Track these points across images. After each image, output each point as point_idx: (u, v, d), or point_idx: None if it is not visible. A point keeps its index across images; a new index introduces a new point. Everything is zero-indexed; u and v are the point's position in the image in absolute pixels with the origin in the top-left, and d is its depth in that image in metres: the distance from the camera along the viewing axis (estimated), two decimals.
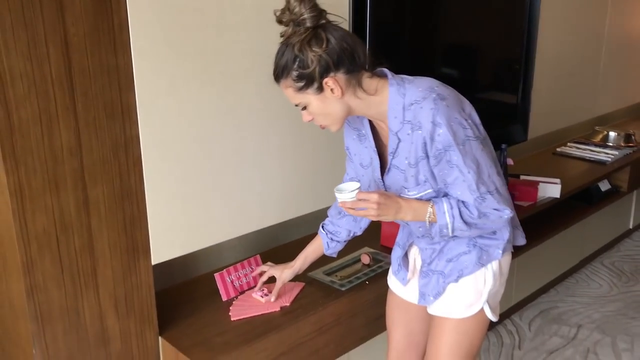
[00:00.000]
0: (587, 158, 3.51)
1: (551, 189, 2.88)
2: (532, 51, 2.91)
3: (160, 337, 1.76)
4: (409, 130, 1.49)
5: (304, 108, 1.50)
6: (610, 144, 3.70)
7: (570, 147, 3.68)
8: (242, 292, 1.99)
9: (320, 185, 2.09)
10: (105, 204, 1.57)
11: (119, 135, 1.56)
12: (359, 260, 2.20)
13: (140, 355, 1.73)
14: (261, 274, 1.96)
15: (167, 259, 1.74)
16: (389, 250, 2.27)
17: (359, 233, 1.88)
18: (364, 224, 1.86)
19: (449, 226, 1.52)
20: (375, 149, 1.62)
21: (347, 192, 1.49)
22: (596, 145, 3.66)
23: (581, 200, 3.32)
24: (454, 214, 1.51)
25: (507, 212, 1.53)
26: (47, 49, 1.40)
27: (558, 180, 2.91)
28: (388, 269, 2.11)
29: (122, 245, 1.63)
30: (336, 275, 2.10)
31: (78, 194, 1.52)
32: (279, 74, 1.46)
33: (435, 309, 1.72)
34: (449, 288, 1.69)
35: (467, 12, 2.61)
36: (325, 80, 1.43)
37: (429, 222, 1.54)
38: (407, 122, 1.48)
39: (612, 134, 3.76)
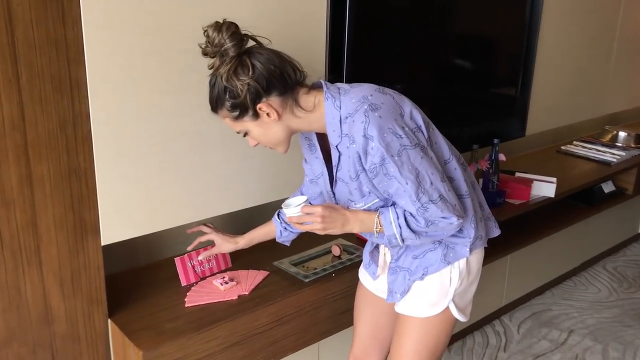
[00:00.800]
0: (592, 158, 3.38)
1: (546, 188, 2.77)
2: (534, 42, 2.79)
3: (109, 320, 1.72)
4: (347, 144, 1.46)
5: (246, 134, 1.51)
6: (619, 145, 3.55)
7: (575, 145, 3.55)
8: (204, 278, 1.94)
9: (290, 172, 2.02)
10: (51, 181, 1.53)
11: (67, 110, 1.51)
12: (330, 251, 2.14)
13: (88, 337, 1.69)
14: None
15: (120, 240, 1.69)
16: (362, 242, 2.20)
17: None
18: None
19: (397, 236, 1.49)
20: (323, 161, 1.61)
21: (292, 206, 1.51)
22: (603, 145, 3.52)
23: (582, 201, 3.20)
24: (400, 224, 1.48)
25: (454, 220, 1.47)
26: None
27: (554, 179, 2.80)
28: (358, 262, 2.06)
29: (69, 223, 1.59)
30: (303, 266, 2.04)
31: (21, 169, 1.48)
32: (214, 105, 1.47)
33: (401, 307, 1.67)
34: (415, 286, 1.64)
35: None
36: (259, 106, 1.43)
37: (377, 232, 1.52)
38: (345, 136, 1.45)
39: (622, 134, 3.61)
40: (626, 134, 3.60)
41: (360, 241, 2.22)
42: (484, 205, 1.72)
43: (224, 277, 1.91)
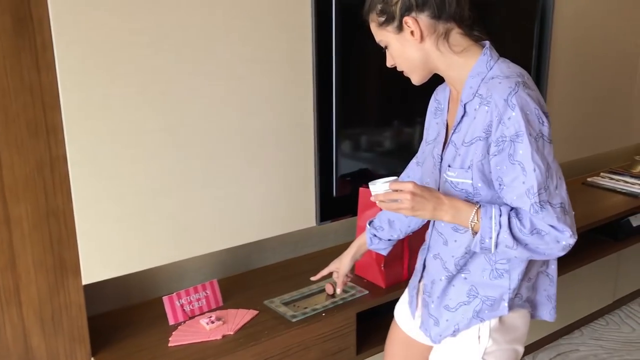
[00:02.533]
0: (620, 190, 3.23)
1: None
2: (544, 72, 2.71)
3: (92, 359, 1.73)
4: (476, 105, 1.33)
5: (386, 48, 1.42)
6: None
7: (602, 177, 3.41)
8: (192, 317, 1.94)
9: (277, 209, 2.01)
10: (29, 222, 1.57)
11: (44, 153, 1.56)
12: (324, 290, 2.10)
13: None
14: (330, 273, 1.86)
15: (101, 280, 1.72)
16: (361, 280, 2.16)
17: (404, 234, 1.74)
18: (414, 224, 1.71)
19: (493, 237, 1.28)
20: (446, 123, 1.49)
21: (380, 182, 1.36)
22: (632, 176, 3.37)
23: (609, 235, 3.06)
24: (501, 222, 1.27)
25: (568, 235, 1.26)
26: None
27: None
28: (352, 301, 2.02)
29: (49, 263, 1.62)
30: (294, 305, 2.01)
31: None
32: (368, 6, 1.41)
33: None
34: (446, 340, 1.52)
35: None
36: (406, 19, 1.34)
37: (472, 227, 1.32)
38: (479, 96, 1.33)
39: None
40: None
41: (360, 279, 2.17)
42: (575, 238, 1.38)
43: (210, 317, 1.90)
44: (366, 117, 2.21)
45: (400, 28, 1.36)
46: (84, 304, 1.70)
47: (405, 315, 1.69)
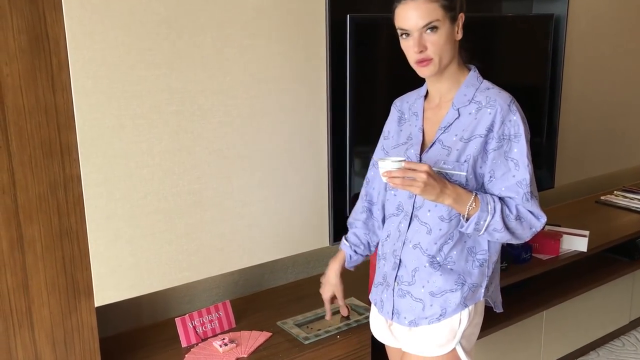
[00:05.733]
0: (633, 208, 3.19)
1: (577, 242, 2.62)
2: (557, 89, 2.69)
3: None
4: (472, 110, 1.52)
5: (433, 29, 1.46)
6: None
7: (616, 195, 3.37)
8: (205, 339, 1.91)
9: (291, 229, 1.99)
10: (42, 243, 1.56)
11: (58, 174, 1.55)
12: (338, 311, 2.07)
13: None
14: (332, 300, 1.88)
15: (114, 301, 1.69)
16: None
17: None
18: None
19: (487, 220, 1.48)
20: (422, 128, 1.61)
21: (391, 160, 1.43)
22: None
23: (624, 255, 3.01)
24: (495, 208, 1.48)
25: (543, 220, 1.53)
26: None
27: (586, 233, 2.65)
28: (368, 324, 1.98)
29: (61, 285, 1.60)
30: (307, 327, 1.98)
31: (12, 232, 1.51)
32: None
33: (408, 346, 1.65)
34: (424, 325, 1.61)
35: (486, 39, 2.46)
36: (461, 14, 1.51)
37: (468, 211, 1.48)
38: (475, 102, 1.53)
39: None
40: None
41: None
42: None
43: (224, 339, 1.87)
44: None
45: (454, 19, 1.49)
46: (96, 326, 1.67)
47: (388, 334, 1.73)
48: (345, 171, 2.10)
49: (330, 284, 1.82)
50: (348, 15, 1.97)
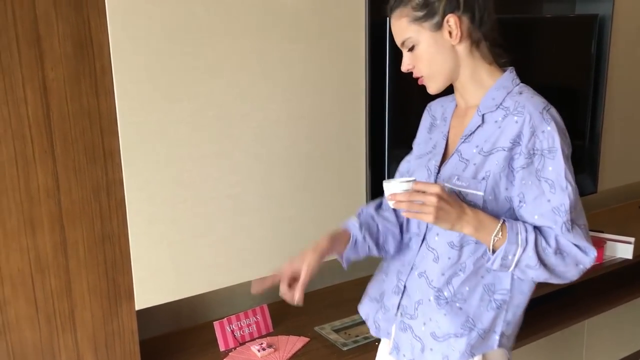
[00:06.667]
0: None
1: (622, 249, 2.55)
2: (601, 87, 2.62)
3: None
4: (500, 117, 1.28)
5: (411, 49, 1.31)
6: None
7: None
8: (243, 344, 1.91)
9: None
10: (85, 246, 1.57)
11: (101, 178, 1.56)
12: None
13: None
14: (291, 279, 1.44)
15: (154, 305, 1.70)
16: None
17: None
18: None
19: (518, 254, 1.21)
20: (446, 136, 1.40)
21: (399, 181, 1.20)
22: None
23: None
24: (528, 239, 1.21)
25: (592, 255, 1.24)
26: (24, 93, 1.43)
27: (631, 239, 2.57)
28: None
29: (103, 288, 1.61)
30: (345, 333, 1.96)
31: (55, 235, 1.53)
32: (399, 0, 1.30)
33: None
34: None
35: (527, 41, 2.41)
36: (449, 16, 1.26)
37: (493, 242, 1.23)
38: (503, 108, 1.28)
39: None
40: None
41: None
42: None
43: (262, 343, 1.87)
44: None
45: (439, 26, 1.27)
46: (137, 329, 1.68)
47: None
48: (383, 175, 2.07)
49: (305, 263, 1.37)
50: (388, 18, 1.94)
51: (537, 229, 1.25)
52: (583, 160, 2.67)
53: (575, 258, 1.24)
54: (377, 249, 1.48)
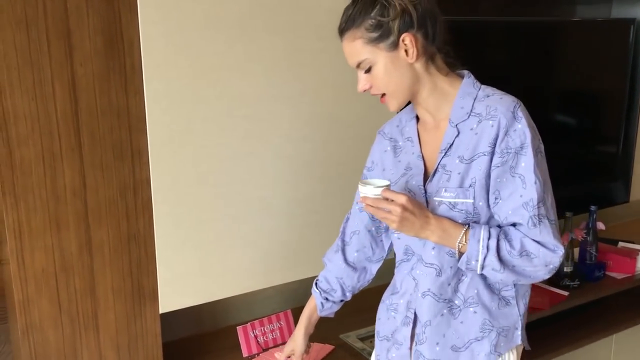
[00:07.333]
0: None
1: None
2: (637, 93, 2.55)
3: None
4: (474, 124, 1.29)
5: (368, 70, 1.30)
6: None
7: None
8: (266, 350, 1.87)
9: None
10: (110, 247, 1.54)
11: (128, 177, 1.53)
12: None
13: None
14: None
15: (178, 308, 1.67)
16: None
17: (355, 291, 1.60)
18: (363, 280, 1.59)
19: (480, 260, 1.26)
20: (421, 154, 1.39)
21: (373, 186, 1.27)
22: None
23: None
24: (489, 245, 1.25)
25: (560, 253, 1.26)
26: (53, 89, 1.40)
27: None
28: None
29: (127, 289, 1.58)
30: (371, 341, 1.91)
31: (80, 235, 1.50)
32: (351, 20, 1.27)
33: None
34: None
35: (561, 44, 2.34)
36: (404, 36, 1.25)
37: (459, 249, 1.28)
38: (475, 115, 1.29)
39: None
40: None
41: None
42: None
43: None
44: None
45: (395, 45, 1.26)
46: (160, 332, 1.65)
47: None
48: None
49: (295, 343, 1.61)
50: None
51: (504, 231, 1.27)
52: (616, 168, 2.60)
53: (545, 259, 1.26)
54: (345, 292, 1.59)
